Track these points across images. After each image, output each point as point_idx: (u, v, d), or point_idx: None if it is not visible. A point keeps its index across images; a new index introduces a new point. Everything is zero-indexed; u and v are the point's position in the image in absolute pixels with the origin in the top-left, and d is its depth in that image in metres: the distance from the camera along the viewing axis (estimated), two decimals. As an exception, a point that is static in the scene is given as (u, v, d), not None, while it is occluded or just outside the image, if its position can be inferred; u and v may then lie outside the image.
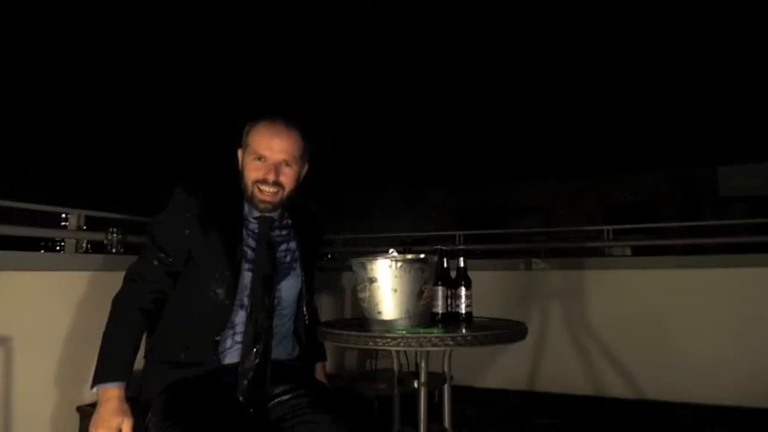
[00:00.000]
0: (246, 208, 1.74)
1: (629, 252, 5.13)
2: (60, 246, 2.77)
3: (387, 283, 1.70)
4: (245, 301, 1.66)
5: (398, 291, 1.70)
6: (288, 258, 1.77)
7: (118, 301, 1.65)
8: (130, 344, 1.59)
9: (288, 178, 1.70)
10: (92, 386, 1.55)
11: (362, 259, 1.75)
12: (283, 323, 1.76)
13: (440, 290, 1.85)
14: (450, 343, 1.61)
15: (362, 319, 1.81)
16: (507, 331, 1.73)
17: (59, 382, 2.20)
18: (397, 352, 2.13)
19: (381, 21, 6.80)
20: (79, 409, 2.20)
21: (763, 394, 3.33)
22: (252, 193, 1.69)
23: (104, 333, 1.60)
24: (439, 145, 10.05)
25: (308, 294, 1.83)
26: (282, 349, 1.76)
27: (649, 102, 8.51)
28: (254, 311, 1.65)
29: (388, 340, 1.60)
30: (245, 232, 1.70)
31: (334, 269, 4.19)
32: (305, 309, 1.81)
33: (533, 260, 4.08)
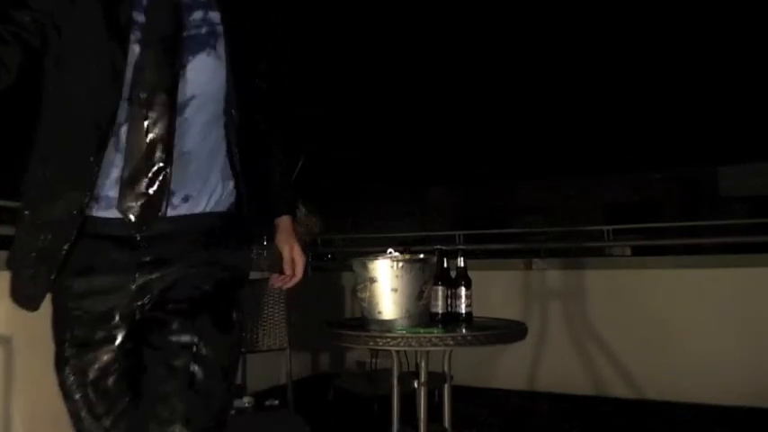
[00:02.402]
0: None
1: (629, 252, 5.13)
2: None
3: (387, 283, 1.70)
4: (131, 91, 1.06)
5: (399, 291, 1.70)
6: (203, 30, 1.12)
7: None
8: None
9: None
10: None
11: (363, 259, 1.76)
12: (198, 134, 1.11)
13: (440, 290, 1.85)
14: (451, 343, 1.62)
15: (362, 318, 1.81)
16: (507, 331, 1.74)
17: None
18: (397, 352, 2.13)
19: (380, 17, 6.80)
20: (79, 409, 2.20)
21: (764, 394, 3.33)
22: None
23: None
24: (439, 144, 10.05)
25: (238, 87, 1.13)
26: (198, 185, 1.13)
27: (649, 101, 8.51)
28: (145, 99, 1.05)
29: (388, 340, 1.60)
30: None
31: (335, 269, 4.19)
32: (234, 113, 1.14)
33: (533, 260, 4.08)
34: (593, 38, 7.09)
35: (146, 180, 1.05)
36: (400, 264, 1.70)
